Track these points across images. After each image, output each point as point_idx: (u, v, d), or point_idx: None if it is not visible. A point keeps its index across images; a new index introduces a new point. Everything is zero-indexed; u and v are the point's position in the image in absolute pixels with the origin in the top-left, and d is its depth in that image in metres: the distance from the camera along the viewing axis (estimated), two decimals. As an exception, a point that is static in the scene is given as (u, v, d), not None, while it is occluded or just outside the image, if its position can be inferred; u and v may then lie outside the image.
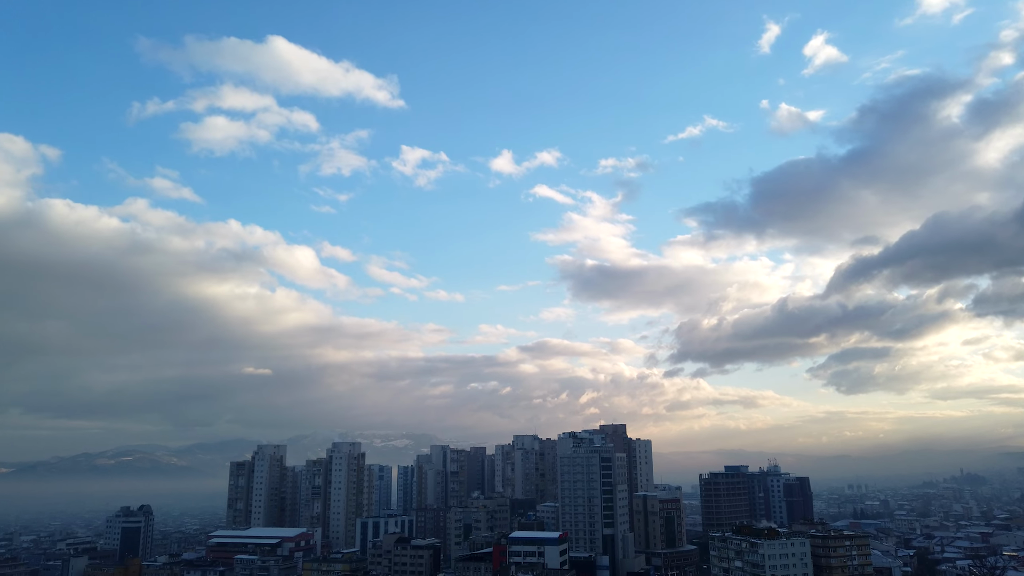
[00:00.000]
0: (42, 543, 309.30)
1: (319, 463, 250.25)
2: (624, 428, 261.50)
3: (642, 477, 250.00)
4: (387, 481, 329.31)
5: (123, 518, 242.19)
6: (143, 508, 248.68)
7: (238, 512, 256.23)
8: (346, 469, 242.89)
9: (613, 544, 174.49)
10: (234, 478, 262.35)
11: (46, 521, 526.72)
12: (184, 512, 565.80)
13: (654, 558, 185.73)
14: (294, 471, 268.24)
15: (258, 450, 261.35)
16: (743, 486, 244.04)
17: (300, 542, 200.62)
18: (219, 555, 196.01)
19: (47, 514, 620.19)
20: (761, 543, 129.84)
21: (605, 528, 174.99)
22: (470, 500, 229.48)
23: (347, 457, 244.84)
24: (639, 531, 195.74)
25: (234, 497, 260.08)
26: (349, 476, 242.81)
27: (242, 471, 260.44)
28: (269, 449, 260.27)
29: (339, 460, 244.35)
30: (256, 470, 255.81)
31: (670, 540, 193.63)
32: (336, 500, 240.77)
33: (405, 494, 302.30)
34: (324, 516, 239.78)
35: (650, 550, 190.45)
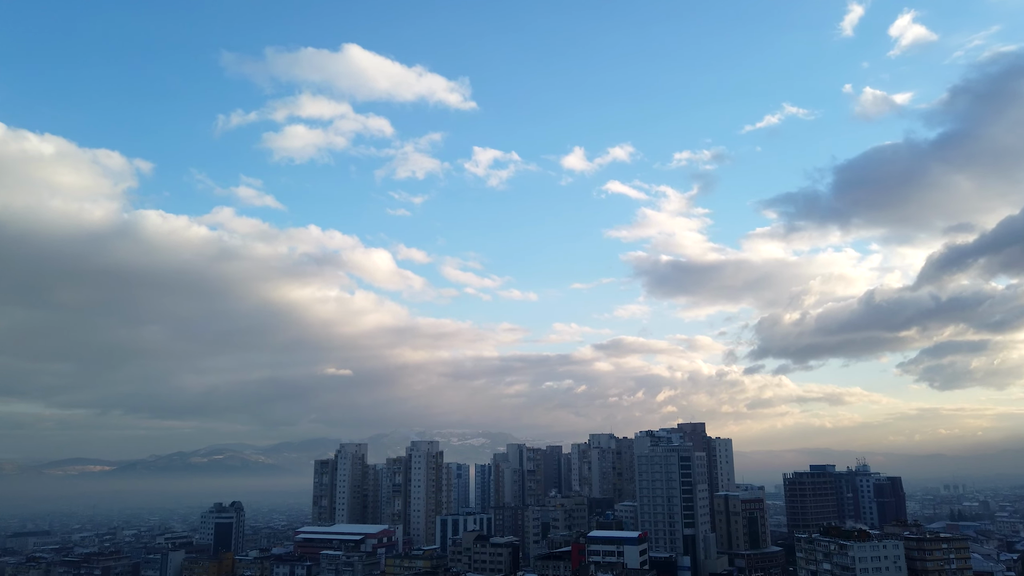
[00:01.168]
0: (142, 537, 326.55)
1: (399, 461, 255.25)
2: (703, 427, 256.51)
3: (723, 477, 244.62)
4: (465, 479, 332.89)
5: (216, 514, 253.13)
6: (234, 504, 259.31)
7: (323, 509, 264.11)
8: (425, 467, 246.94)
9: (694, 544, 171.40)
10: (318, 476, 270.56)
11: (145, 516, 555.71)
12: (272, 508, 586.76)
13: (737, 559, 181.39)
14: (375, 469, 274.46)
15: (340, 449, 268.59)
16: (830, 486, 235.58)
17: (382, 538, 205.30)
18: (306, 550, 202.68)
19: (146, 510, 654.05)
20: (851, 545, 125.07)
21: (685, 528, 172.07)
22: (547, 499, 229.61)
23: (426, 456, 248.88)
24: (721, 532, 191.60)
25: (319, 494, 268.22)
26: (428, 474, 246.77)
27: (326, 469, 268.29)
28: (351, 448, 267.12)
29: (418, 458, 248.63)
30: (339, 468, 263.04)
31: (753, 541, 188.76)
32: (416, 498, 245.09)
33: (483, 492, 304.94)
34: (405, 513, 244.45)
35: (732, 551, 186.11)
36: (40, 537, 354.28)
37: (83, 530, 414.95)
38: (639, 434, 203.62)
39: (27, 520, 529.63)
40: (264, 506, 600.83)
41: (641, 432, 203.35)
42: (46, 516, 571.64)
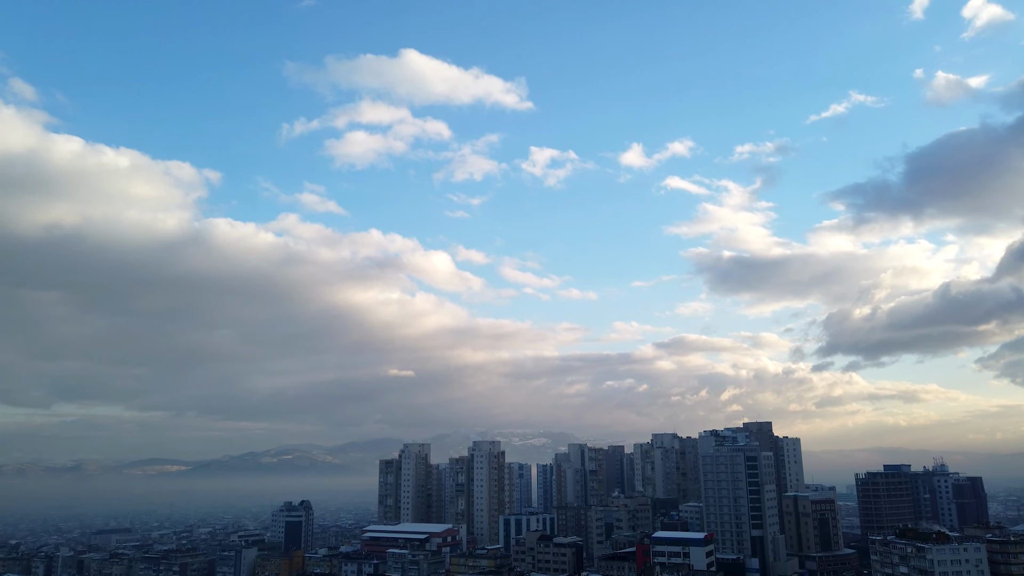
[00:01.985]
0: (217, 535, 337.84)
1: (461, 461, 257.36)
2: (770, 426, 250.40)
3: (791, 477, 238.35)
4: (527, 479, 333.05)
5: (286, 513, 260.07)
6: (303, 503, 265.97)
7: (388, 508, 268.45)
8: (487, 467, 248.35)
9: (762, 546, 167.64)
10: (383, 475, 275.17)
11: (220, 515, 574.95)
12: (340, 507, 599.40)
13: (808, 561, 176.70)
14: (438, 469, 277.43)
15: (404, 449, 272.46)
16: (905, 487, 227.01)
17: (447, 537, 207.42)
18: (373, 548, 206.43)
19: (220, 508, 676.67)
20: (929, 548, 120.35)
21: (753, 530, 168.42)
22: (610, 499, 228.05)
23: (487, 455, 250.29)
24: (790, 533, 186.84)
25: (384, 493, 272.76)
26: (490, 474, 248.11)
27: (390, 469, 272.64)
28: (414, 448, 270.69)
29: (480, 458, 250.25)
30: (403, 468, 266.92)
31: (825, 543, 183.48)
32: (479, 497, 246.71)
33: (545, 492, 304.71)
34: (468, 513, 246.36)
35: (803, 553, 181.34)
36: (122, 534, 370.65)
37: (162, 528, 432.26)
38: (703, 434, 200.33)
39: (110, 518, 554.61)
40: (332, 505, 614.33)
41: (705, 432, 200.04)
42: (127, 514, 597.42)
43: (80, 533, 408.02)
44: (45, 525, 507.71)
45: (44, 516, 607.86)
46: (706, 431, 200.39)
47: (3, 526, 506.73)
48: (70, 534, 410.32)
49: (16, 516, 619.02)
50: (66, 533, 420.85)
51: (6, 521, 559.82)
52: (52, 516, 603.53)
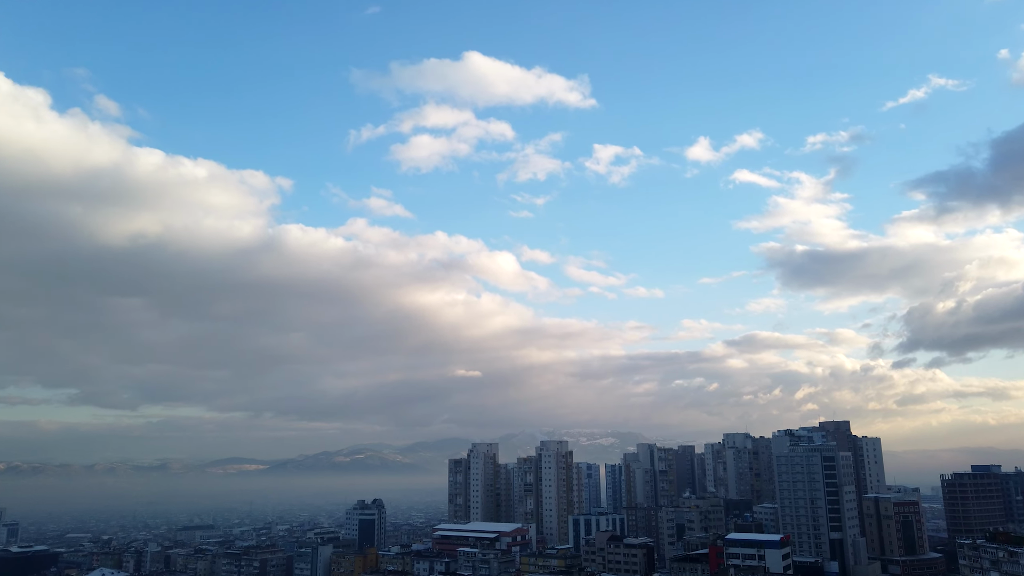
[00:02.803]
0: (294, 532, 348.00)
1: (529, 461, 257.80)
2: (847, 425, 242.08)
3: (871, 478, 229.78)
4: (595, 479, 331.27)
5: (359, 511, 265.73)
6: (375, 502, 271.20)
7: (458, 507, 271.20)
8: (555, 467, 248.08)
9: (842, 549, 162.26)
10: (452, 475, 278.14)
11: (296, 512, 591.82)
12: (411, 506, 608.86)
13: (891, 566, 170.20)
14: (506, 468, 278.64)
15: (472, 448, 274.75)
16: (995, 488, 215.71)
17: (516, 536, 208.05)
18: (444, 547, 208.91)
19: (297, 506, 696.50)
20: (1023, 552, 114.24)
21: (832, 532, 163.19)
22: (681, 500, 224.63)
23: (555, 455, 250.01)
24: (871, 536, 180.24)
25: (454, 492, 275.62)
26: (558, 474, 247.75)
27: (459, 468, 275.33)
28: (482, 447, 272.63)
29: (548, 458, 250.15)
30: (472, 467, 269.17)
31: (909, 547, 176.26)
32: (547, 497, 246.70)
33: (614, 492, 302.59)
34: (537, 512, 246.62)
35: (886, 557, 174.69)
36: (205, 531, 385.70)
37: (242, 524, 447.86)
38: (777, 433, 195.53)
39: (194, 515, 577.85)
40: (403, 503, 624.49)
41: (779, 431, 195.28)
42: (210, 511, 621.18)
43: (166, 529, 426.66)
44: (134, 521, 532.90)
45: (133, 512, 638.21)
46: (780, 431, 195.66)
47: (96, 522, 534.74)
48: (157, 530, 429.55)
49: (108, 512, 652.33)
50: (153, 529, 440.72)
51: (99, 517, 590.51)
52: (140, 513, 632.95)
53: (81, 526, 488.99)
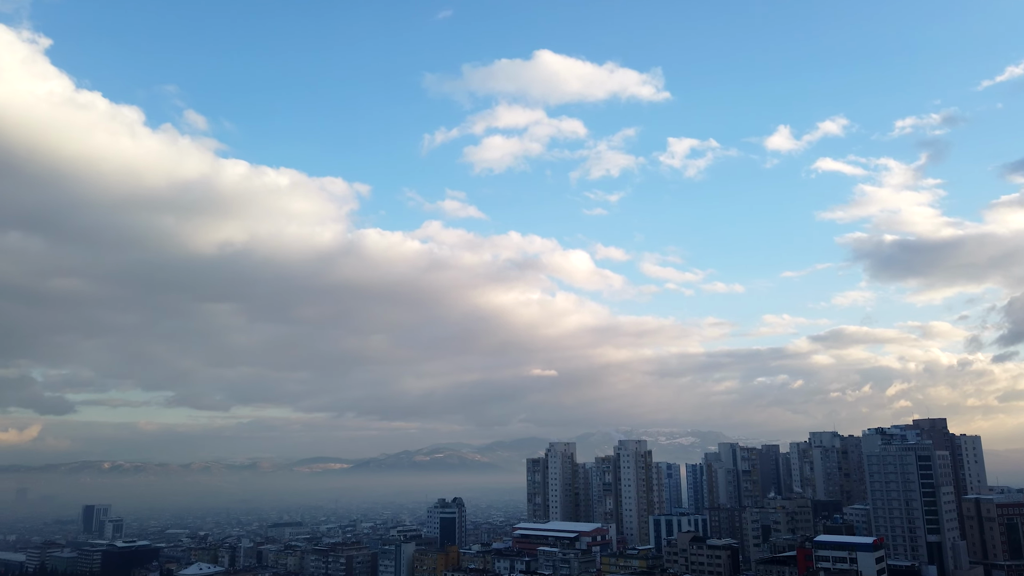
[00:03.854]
0: (378, 529, 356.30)
1: (607, 460, 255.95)
2: (944, 422, 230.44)
3: (971, 478, 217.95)
4: (675, 479, 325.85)
5: (440, 509, 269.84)
6: (455, 500, 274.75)
7: (537, 506, 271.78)
8: (634, 467, 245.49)
9: (940, 553, 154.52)
10: (531, 474, 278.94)
11: (379, 510, 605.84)
12: (490, 505, 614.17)
13: (995, 570, 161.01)
14: (584, 468, 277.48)
15: (550, 448, 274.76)
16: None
17: (596, 536, 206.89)
18: (524, 546, 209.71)
19: (380, 504, 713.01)
20: None
21: (929, 535, 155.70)
22: (766, 500, 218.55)
23: (634, 455, 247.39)
24: (972, 539, 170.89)
25: (532, 492, 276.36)
26: (638, 473, 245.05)
27: (537, 467, 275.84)
28: (560, 447, 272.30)
29: (626, 458, 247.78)
30: (549, 467, 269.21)
31: (1015, 550, 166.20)
32: (627, 497, 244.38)
33: (695, 492, 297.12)
34: (616, 512, 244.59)
35: (989, 561, 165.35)
36: (294, 528, 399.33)
37: (328, 522, 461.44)
38: (868, 432, 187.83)
39: (283, 512, 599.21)
40: (482, 502, 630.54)
41: (870, 429, 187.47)
42: (298, 509, 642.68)
43: (258, 526, 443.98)
44: (228, 518, 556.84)
45: (227, 509, 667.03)
46: (870, 429, 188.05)
47: (193, 518, 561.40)
48: (249, 526, 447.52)
49: (203, 509, 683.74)
50: (246, 525, 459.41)
51: (195, 514, 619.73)
52: (234, 510, 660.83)
53: (179, 522, 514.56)
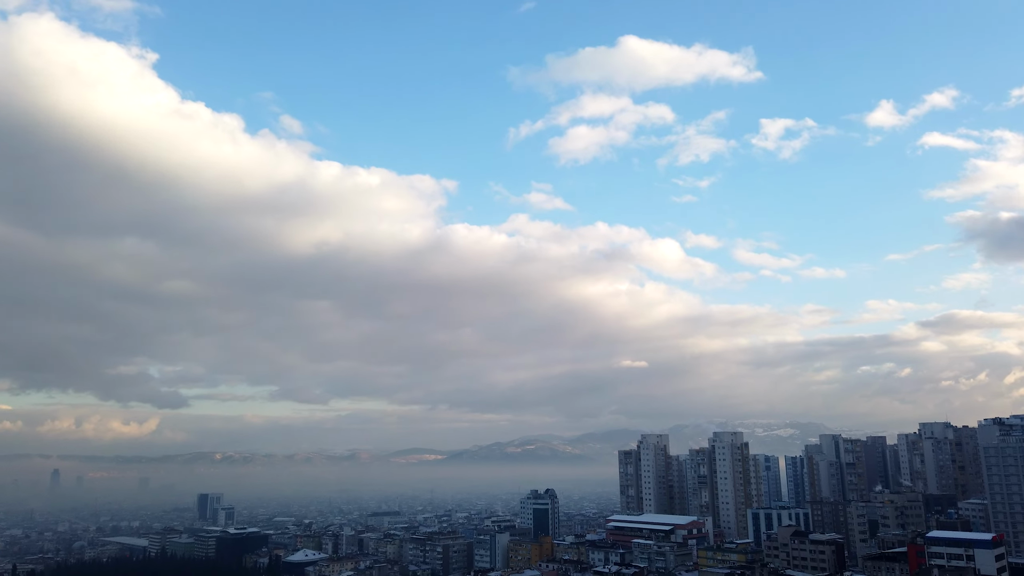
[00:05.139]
0: (472, 519, 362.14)
1: (702, 452, 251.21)
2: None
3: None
4: (774, 472, 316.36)
5: (533, 500, 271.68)
6: (548, 492, 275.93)
7: (630, 498, 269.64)
8: (730, 459, 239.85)
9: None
10: (623, 466, 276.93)
11: (473, 500, 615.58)
12: (582, 496, 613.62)
13: None
14: (678, 460, 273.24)
15: (642, 439, 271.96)
16: None
17: (692, 530, 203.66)
18: (618, 538, 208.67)
19: (474, 494, 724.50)
20: None
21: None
22: (873, 494, 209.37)
23: (730, 447, 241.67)
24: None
25: (625, 484, 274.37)
26: (734, 466, 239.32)
27: (629, 460, 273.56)
28: (652, 439, 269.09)
29: (722, 450, 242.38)
30: (642, 459, 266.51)
31: None
32: (723, 490, 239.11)
33: (795, 486, 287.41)
34: (712, 505, 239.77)
35: None
36: (392, 517, 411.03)
37: (424, 511, 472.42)
38: (984, 422, 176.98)
39: (381, 501, 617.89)
40: (574, 493, 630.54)
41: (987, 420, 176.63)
42: (395, 498, 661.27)
43: (358, 514, 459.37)
44: (330, 507, 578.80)
45: (328, 499, 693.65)
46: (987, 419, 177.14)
47: (298, 507, 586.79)
48: (350, 515, 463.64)
49: (307, 498, 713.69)
50: (347, 514, 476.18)
51: (300, 503, 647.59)
52: (335, 499, 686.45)
53: (285, 510, 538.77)
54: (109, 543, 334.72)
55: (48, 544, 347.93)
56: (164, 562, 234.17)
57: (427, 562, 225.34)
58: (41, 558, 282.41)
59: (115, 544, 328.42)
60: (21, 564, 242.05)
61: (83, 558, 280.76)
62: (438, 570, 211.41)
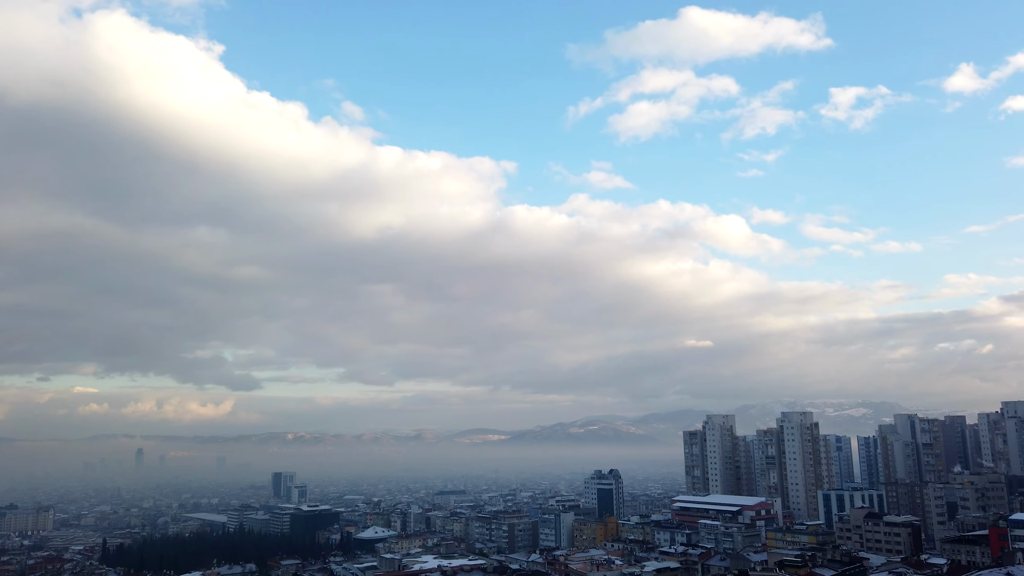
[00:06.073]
0: (537, 499, 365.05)
1: (770, 433, 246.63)
2: None
3: None
4: (846, 452, 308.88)
5: (597, 480, 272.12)
6: (612, 472, 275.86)
7: (696, 479, 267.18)
8: (799, 439, 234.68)
9: None
10: (688, 447, 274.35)
11: (537, 480, 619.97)
12: (647, 477, 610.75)
13: None
14: (745, 440, 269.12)
15: (707, 420, 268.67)
16: None
17: (760, 511, 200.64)
18: (683, 518, 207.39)
19: (537, 474, 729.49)
20: None
21: None
22: (951, 476, 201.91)
23: (799, 427, 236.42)
24: None
25: (690, 465, 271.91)
26: (803, 447, 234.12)
27: (695, 440, 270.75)
28: (718, 419, 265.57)
29: (791, 430, 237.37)
30: (707, 439, 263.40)
31: None
32: (792, 471, 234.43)
33: (868, 467, 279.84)
34: (781, 487, 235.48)
35: None
36: (458, 495, 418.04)
37: (489, 491, 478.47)
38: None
39: (447, 480, 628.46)
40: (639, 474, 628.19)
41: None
42: (460, 477, 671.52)
43: (425, 493, 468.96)
44: (398, 485, 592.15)
45: (396, 478, 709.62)
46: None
47: (367, 485, 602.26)
48: (417, 493, 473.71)
49: (375, 477, 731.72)
50: (414, 493, 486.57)
51: (369, 481, 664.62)
52: (402, 478, 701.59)
53: (355, 489, 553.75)
54: (190, 519, 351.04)
55: (135, 519, 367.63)
56: (242, 537, 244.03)
57: (493, 540, 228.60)
58: (128, 532, 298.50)
59: (196, 520, 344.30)
60: (110, 538, 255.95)
61: (167, 533, 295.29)
62: (504, 548, 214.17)
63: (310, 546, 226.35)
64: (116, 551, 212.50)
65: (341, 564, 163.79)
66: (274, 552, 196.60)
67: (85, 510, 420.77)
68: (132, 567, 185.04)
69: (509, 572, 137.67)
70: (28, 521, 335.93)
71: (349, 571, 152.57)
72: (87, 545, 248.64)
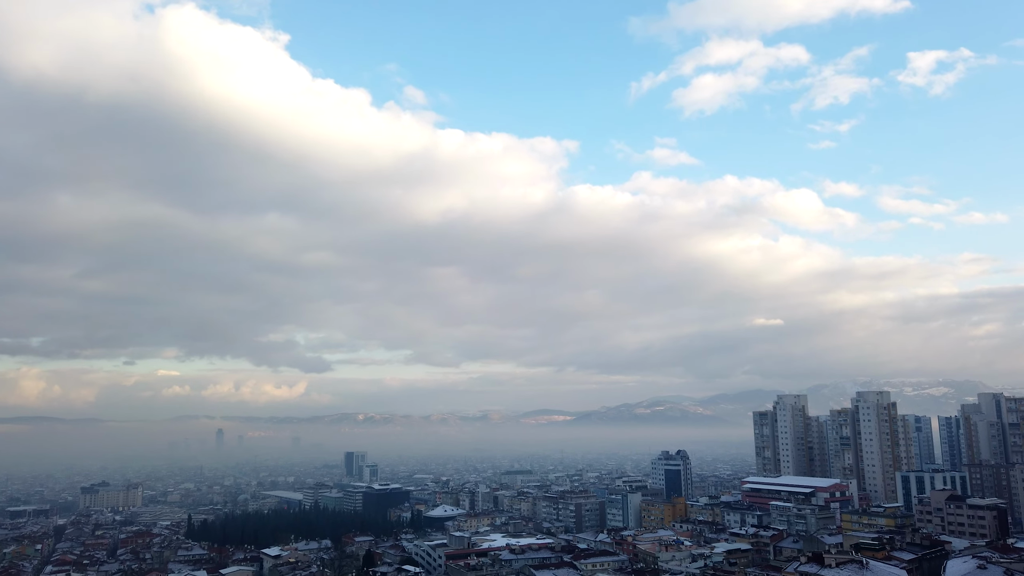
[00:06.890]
0: (603, 479, 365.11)
1: (844, 413, 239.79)
2: None
3: None
4: (926, 433, 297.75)
5: (665, 461, 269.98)
6: (679, 453, 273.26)
7: (766, 460, 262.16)
8: (876, 420, 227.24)
9: None
10: (758, 427, 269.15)
11: (603, 461, 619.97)
12: (715, 458, 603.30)
13: None
14: (818, 421, 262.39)
15: (778, 400, 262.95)
16: None
17: (834, 493, 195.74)
18: (754, 499, 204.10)
19: (603, 455, 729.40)
20: None
21: None
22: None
23: (875, 407, 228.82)
24: None
25: (761, 445, 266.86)
26: (880, 427, 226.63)
27: (765, 420, 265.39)
28: (789, 399, 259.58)
29: (866, 410, 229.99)
30: (779, 420, 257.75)
31: None
32: (868, 452, 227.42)
33: (950, 448, 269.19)
34: (856, 468, 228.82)
35: None
36: (524, 475, 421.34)
37: (555, 471, 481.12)
38: None
39: (513, 460, 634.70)
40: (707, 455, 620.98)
41: None
42: (526, 457, 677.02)
43: (492, 473, 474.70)
44: (465, 465, 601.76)
45: (464, 457, 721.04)
46: None
47: (436, 465, 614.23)
48: (484, 473, 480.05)
49: (443, 457, 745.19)
50: (481, 472, 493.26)
51: (437, 461, 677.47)
52: (470, 458, 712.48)
53: (424, 468, 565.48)
54: (268, 496, 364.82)
55: (216, 496, 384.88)
56: (317, 514, 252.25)
57: (560, 520, 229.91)
58: (211, 509, 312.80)
59: (274, 497, 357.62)
60: (195, 514, 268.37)
61: (247, 510, 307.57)
62: (571, 528, 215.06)
63: (382, 523, 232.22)
64: (200, 526, 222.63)
65: (412, 541, 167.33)
66: (348, 529, 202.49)
67: (171, 487, 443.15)
68: (216, 542, 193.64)
69: (577, 551, 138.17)
70: (119, 498, 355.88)
71: (420, 548, 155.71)
72: (173, 521, 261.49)
